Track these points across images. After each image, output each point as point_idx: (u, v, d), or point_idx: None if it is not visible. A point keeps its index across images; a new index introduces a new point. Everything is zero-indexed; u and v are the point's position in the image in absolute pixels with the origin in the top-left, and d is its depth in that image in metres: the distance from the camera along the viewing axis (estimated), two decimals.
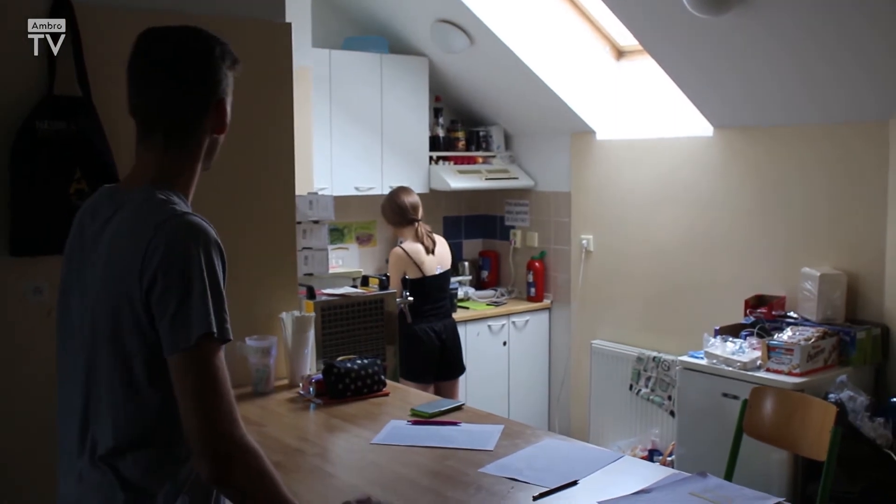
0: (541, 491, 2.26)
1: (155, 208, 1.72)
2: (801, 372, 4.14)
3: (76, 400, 1.78)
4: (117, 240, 1.73)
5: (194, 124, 1.81)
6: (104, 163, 2.95)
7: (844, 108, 4.41)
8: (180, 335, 1.64)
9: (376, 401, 3.17)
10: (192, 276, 1.65)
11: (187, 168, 1.82)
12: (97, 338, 1.73)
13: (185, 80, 1.80)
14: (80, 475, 1.77)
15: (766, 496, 2.22)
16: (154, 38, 1.83)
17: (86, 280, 1.77)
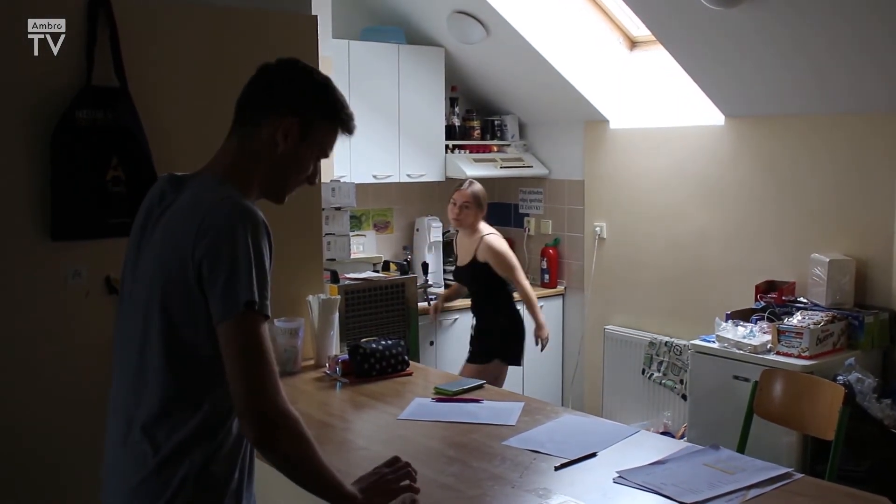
0: (562, 462, 2.38)
1: (211, 192, 1.87)
2: (811, 355, 4.23)
3: (129, 366, 1.90)
4: (174, 218, 1.87)
5: (261, 126, 1.94)
6: (140, 151, 3.05)
7: (854, 98, 4.47)
8: (228, 305, 1.75)
9: (400, 380, 3.30)
10: (239, 253, 1.76)
11: (252, 171, 1.94)
12: (150, 307, 1.85)
13: (269, 87, 1.96)
14: (124, 439, 1.89)
15: (775, 466, 2.33)
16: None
17: (144, 256, 1.90)
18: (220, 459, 1.86)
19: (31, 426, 2.91)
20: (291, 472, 1.88)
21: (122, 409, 1.92)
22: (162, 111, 3.14)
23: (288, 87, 1.97)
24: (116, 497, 1.89)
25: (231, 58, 3.30)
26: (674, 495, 2.14)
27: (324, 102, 1.98)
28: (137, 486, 1.84)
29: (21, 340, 2.90)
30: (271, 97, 1.96)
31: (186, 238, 1.80)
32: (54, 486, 2.93)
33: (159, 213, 1.93)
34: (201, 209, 1.82)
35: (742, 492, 2.17)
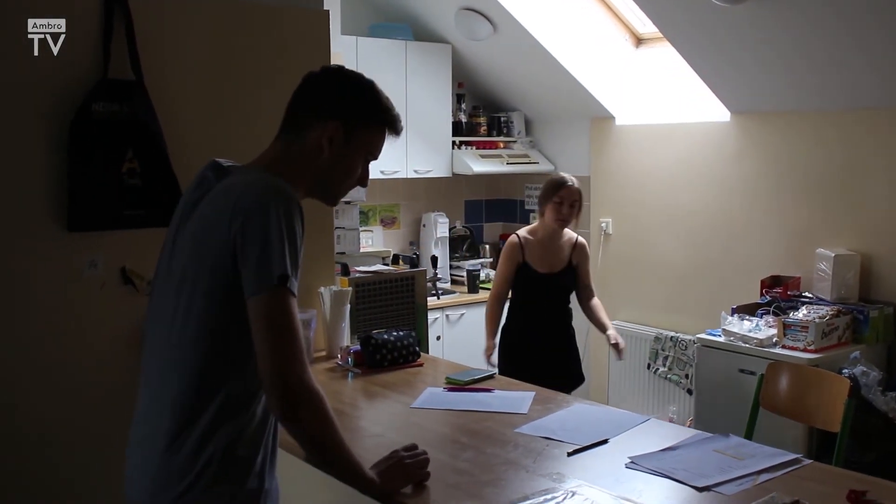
0: (574, 448, 2.42)
1: (250, 174, 1.95)
2: (816, 348, 4.27)
3: (158, 346, 1.95)
4: (211, 202, 1.93)
5: (305, 130, 2.01)
6: (156, 143, 3.07)
7: (859, 94, 4.51)
8: (261, 280, 1.80)
9: (412, 370, 3.34)
10: (272, 229, 1.80)
11: (298, 173, 2.00)
12: (182, 287, 1.90)
13: (314, 93, 2.04)
14: (150, 418, 1.94)
15: (784, 452, 2.37)
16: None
17: (180, 240, 1.96)
18: (245, 440, 1.90)
19: (45, 415, 2.94)
20: (313, 449, 1.94)
21: (151, 389, 1.97)
22: (177, 104, 3.17)
23: (331, 92, 2.03)
24: (142, 474, 1.93)
25: (245, 52, 3.35)
26: (685, 479, 2.18)
27: (367, 106, 2.04)
28: (163, 464, 1.88)
29: (38, 330, 2.92)
30: (315, 103, 2.02)
31: (222, 218, 1.85)
32: (70, 468, 2.96)
33: (197, 197, 1.98)
34: (236, 190, 1.89)
35: (752, 476, 2.20)
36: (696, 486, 2.14)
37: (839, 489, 2.06)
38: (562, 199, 4.34)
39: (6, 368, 2.86)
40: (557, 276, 4.38)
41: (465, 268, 6.19)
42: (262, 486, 1.93)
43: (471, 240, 6.61)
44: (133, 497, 1.96)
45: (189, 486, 1.85)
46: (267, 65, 3.42)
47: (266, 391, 1.84)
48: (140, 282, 3.15)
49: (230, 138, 3.33)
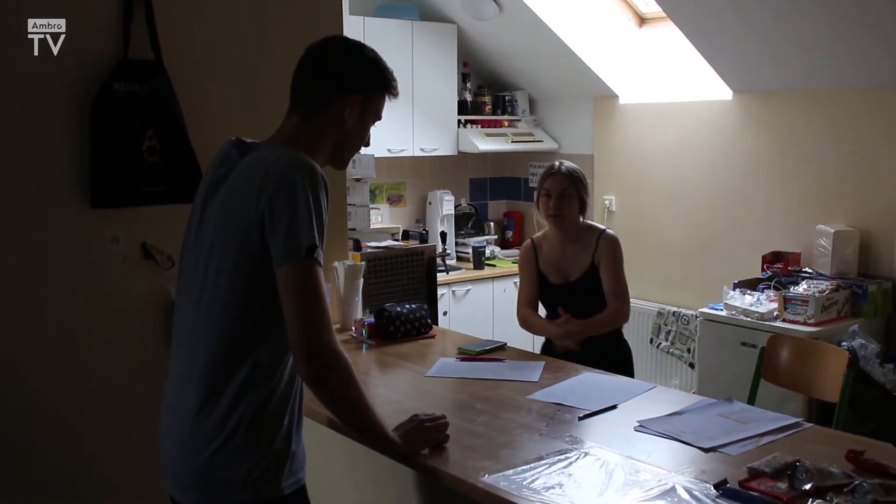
0: (585, 413, 2.52)
1: (275, 149, 2.03)
2: (816, 322, 4.36)
3: (189, 314, 2.04)
4: (238, 177, 2.01)
5: (327, 106, 2.09)
6: (175, 122, 3.13)
7: (859, 72, 4.57)
8: (289, 250, 1.87)
9: (424, 342, 3.43)
10: (300, 201, 1.88)
11: (318, 144, 2.09)
12: (211, 260, 1.99)
13: (329, 68, 2.12)
14: (182, 381, 2.02)
15: (786, 417, 2.47)
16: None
17: (208, 214, 2.05)
18: (273, 405, 1.98)
19: (69, 386, 3.01)
20: (339, 412, 2.05)
21: (181, 357, 2.05)
22: (195, 83, 3.24)
23: (347, 67, 2.13)
24: (173, 436, 2.03)
25: (260, 31, 3.41)
26: (692, 441, 2.28)
27: (378, 75, 2.15)
28: (193, 428, 1.96)
29: (61, 304, 2.99)
30: (334, 78, 2.11)
31: (249, 192, 1.93)
32: (89, 442, 3.04)
33: (223, 173, 2.06)
34: (263, 164, 1.96)
35: (755, 438, 2.31)
36: (702, 448, 2.24)
37: (838, 449, 2.16)
38: (549, 191, 3.60)
39: (30, 342, 2.95)
40: (573, 287, 3.59)
41: (470, 245, 6.27)
42: (290, 448, 2.00)
43: (476, 217, 6.69)
44: (166, 453, 2.05)
45: (218, 448, 1.92)
46: (281, 44, 3.47)
47: (295, 357, 1.92)
48: (160, 256, 3.22)
49: (247, 116, 3.38)
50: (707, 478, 2.04)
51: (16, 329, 2.93)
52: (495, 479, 2.05)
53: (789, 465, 2.04)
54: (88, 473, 3.05)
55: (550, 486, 2.01)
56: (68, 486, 3.02)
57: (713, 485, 1.98)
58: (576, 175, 3.62)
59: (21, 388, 2.93)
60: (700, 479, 2.04)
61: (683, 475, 2.07)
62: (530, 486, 2.01)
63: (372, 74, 2.15)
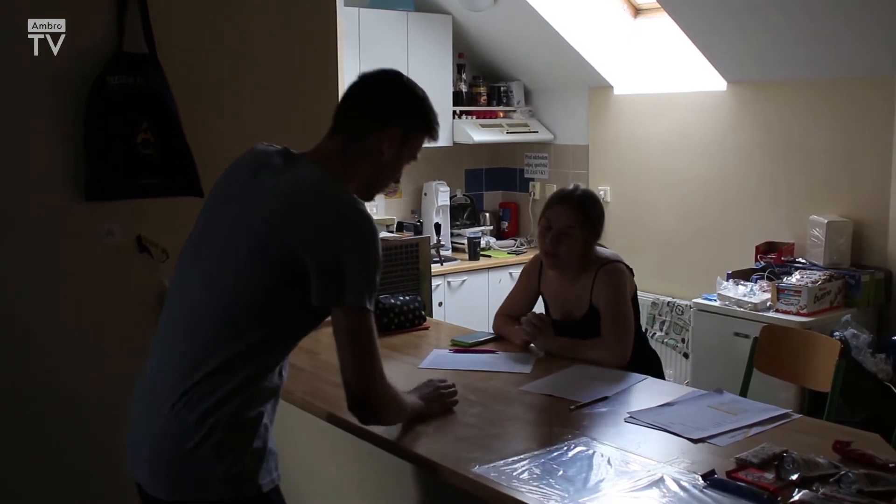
0: (576, 404, 2.54)
1: (327, 184, 2.03)
2: (809, 312, 4.38)
3: (186, 314, 2.04)
4: (286, 196, 2.01)
5: (368, 135, 2.11)
6: (169, 115, 3.13)
7: (853, 62, 4.58)
8: (351, 297, 1.94)
9: (418, 333, 3.45)
10: (368, 252, 1.96)
11: (354, 171, 2.11)
12: (225, 259, 2.01)
13: (373, 97, 2.16)
14: (162, 382, 1.99)
15: (775, 408, 2.49)
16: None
17: (232, 210, 2.07)
18: (255, 405, 1.98)
19: (61, 378, 3.03)
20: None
21: (170, 346, 2.04)
22: (189, 76, 3.24)
23: (394, 101, 2.15)
24: (148, 426, 1.99)
25: (253, 23, 3.42)
26: (681, 432, 2.30)
27: (422, 116, 2.18)
28: (168, 424, 1.94)
29: (55, 296, 3.01)
30: (380, 110, 2.13)
31: (300, 221, 1.96)
32: (76, 436, 3.06)
33: (263, 178, 2.07)
34: (319, 199, 1.99)
35: (744, 429, 2.33)
36: (692, 438, 2.27)
37: (826, 440, 2.19)
38: (549, 223, 3.13)
39: (24, 332, 2.97)
40: (577, 327, 3.17)
41: (465, 235, 6.28)
42: (266, 447, 2.01)
43: (471, 208, 6.70)
44: (138, 444, 2.02)
45: (198, 443, 1.91)
46: (275, 35, 3.50)
47: (349, 399, 2.05)
48: (155, 249, 3.22)
49: (241, 108, 3.41)
50: (695, 468, 2.07)
51: (9, 321, 2.95)
52: (485, 470, 2.07)
53: (777, 455, 2.07)
54: (84, 467, 3.07)
55: (540, 477, 2.03)
56: (64, 477, 3.05)
57: (701, 475, 2.01)
58: (588, 207, 3.12)
59: (15, 382, 2.95)
60: (689, 469, 2.07)
61: (672, 466, 2.10)
62: (520, 476, 2.03)
63: (417, 113, 2.17)
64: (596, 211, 3.16)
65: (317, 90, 3.64)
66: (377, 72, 2.21)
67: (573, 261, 3.13)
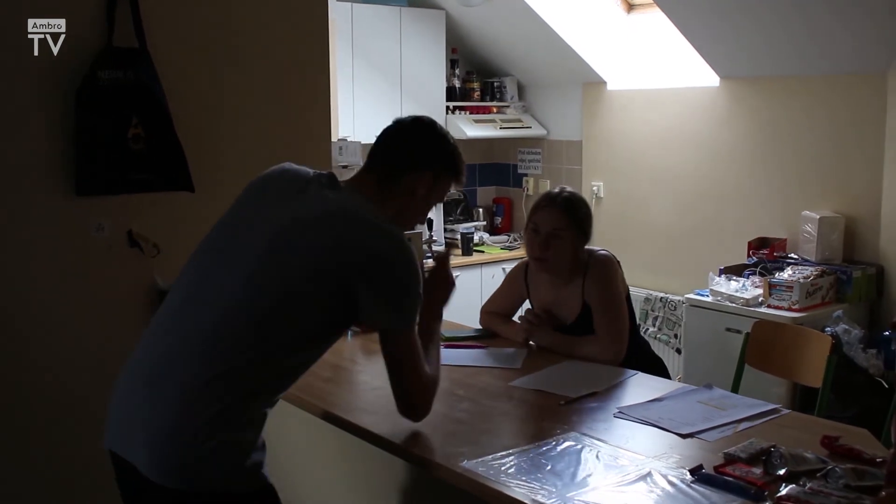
0: (566, 399, 2.54)
1: (370, 212, 2.14)
2: (800, 307, 4.39)
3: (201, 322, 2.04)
4: (327, 221, 2.10)
5: (403, 175, 2.24)
6: (160, 110, 3.12)
7: (845, 58, 4.57)
8: (397, 319, 2.12)
9: None
10: (412, 278, 2.11)
11: (387, 206, 2.20)
12: (268, 273, 2.06)
13: (410, 143, 2.30)
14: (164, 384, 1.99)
15: (765, 403, 2.50)
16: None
17: (260, 224, 2.14)
18: (266, 406, 2.07)
19: (52, 372, 3.03)
20: None
21: (187, 345, 2.03)
22: (179, 71, 3.23)
23: (428, 147, 2.29)
24: (147, 417, 1.99)
25: (244, 18, 3.40)
26: (670, 427, 2.31)
27: (453, 162, 2.32)
28: (186, 409, 1.95)
29: (46, 291, 3.01)
30: (414, 155, 2.27)
31: (352, 245, 2.07)
32: (69, 433, 3.04)
33: (315, 191, 2.17)
34: (363, 226, 2.09)
35: (733, 424, 2.33)
36: (680, 434, 2.27)
37: (814, 435, 2.19)
38: (536, 227, 3.09)
39: (15, 328, 2.96)
40: (569, 332, 3.14)
41: (459, 231, 6.27)
42: (263, 441, 2.06)
43: (465, 203, 6.69)
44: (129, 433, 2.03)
45: (209, 438, 1.93)
46: (266, 31, 3.49)
47: (399, 408, 2.24)
48: (146, 244, 3.21)
49: (232, 103, 3.40)
50: (683, 463, 2.07)
51: (0, 317, 2.94)
52: (474, 465, 2.07)
53: (764, 450, 2.07)
54: (75, 462, 3.06)
55: (528, 472, 2.03)
56: (56, 472, 3.04)
57: (689, 470, 2.01)
58: (575, 208, 3.07)
59: (7, 378, 2.95)
60: (677, 464, 2.07)
61: (660, 461, 2.10)
62: (508, 471, 2.03)
63: (448, 160, 2.31)
64: (583, 212, 3.12)
65: (309, 85, 3.63)
66: (413, 119, 2.34)
67: (564, 264, 3.10)
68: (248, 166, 3.44)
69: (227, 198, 3.36)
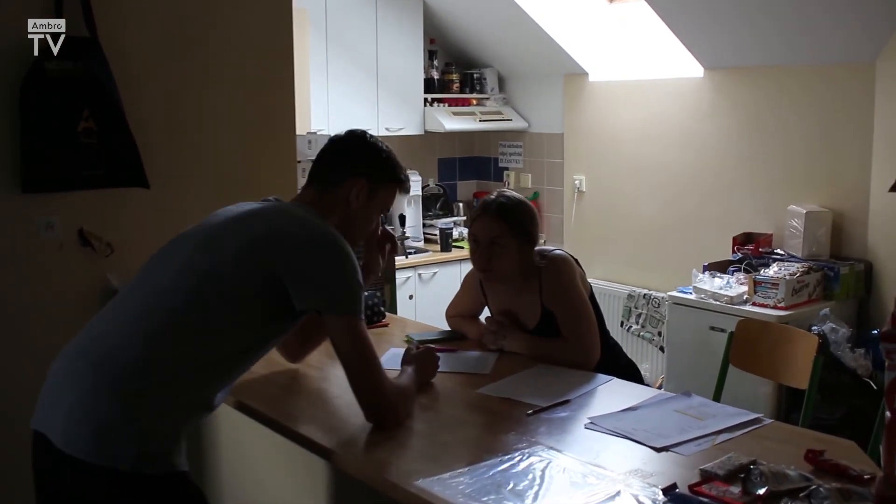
0: (534, 409, 2.39)
1: (299, 210, 2.26)
2: (786, 305, 4.28)
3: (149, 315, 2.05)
4: (255, 212, 2.22)
5: (337, 185, 2.34)
6: (112, 102, 3.01)
7: (832, 48, 4.48)
8: (342, 305, 2.13)
9: (376, 331, 3.28)
10: (348, 264, 2.14)
11: (325, 216, 2.27)
12: (184, 267, 2.11)
13: (341, 153, 2.39)
14: (96, 349, 2.02)
15: (746, 412, 2.34)
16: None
17: (202, 229, 2.21)
18: (193, 403, 2.07)
19: (3, 377, 2.94)
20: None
21: (124, 327, 2.04)
22: (133, 62, 3.12)
23: (360, 155, 2.38)
24: (71, 391, 1.99)
25: (202, 6, 3.28)
26: (643, 440, 2.15)
27: (386, 167, 2.40)
28: (113, 391, 1.95)
29: None
30: (347, 163, 2.36)
31: (271, 235, 2.12)
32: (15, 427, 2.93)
33: (257, 207, 2.26)
34: (292, 218, 2.19)
35: (711, 436, 2.18)
36: (654, 447, 2.12)
37: (798, 448, 2.04)
38: (475, 238, 2.93)
39: None
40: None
41: (437, 226, 6.14)
42: (182, 433, 2.06)
43: (444, 198, 6.57)
44: (53, 408, 2.02)
45: (130, 420, 1.94)
46: (226, 19, 3.36)
47: (364, 413, 2.22)
48: (98, 243, 3.13)
49: (188, 96, 3.29)
50: (656, 481, 1.91)
51: None
52: (429, 484, 1.91)
53: (744, 466, 1.92)
54: (23, 462, 2.92)
55: (488, 491, 1.87)
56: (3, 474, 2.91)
57: (662, 489, 1.86)
58: (511, 212, 2.88)
59: None
60: (649, 482, 1.92)
61: (632, 478, 1.94)
62: (466, 491, 1.88)
63: (381, 165, 2.39)
64: (522, 214, 2.91)
65: (270, 77, 3.53)
66: (346, 132, 2.45)
67: (511, 271, 2.93)
68: (206, 161, 3.37)
69: (184, 194, 3.30)
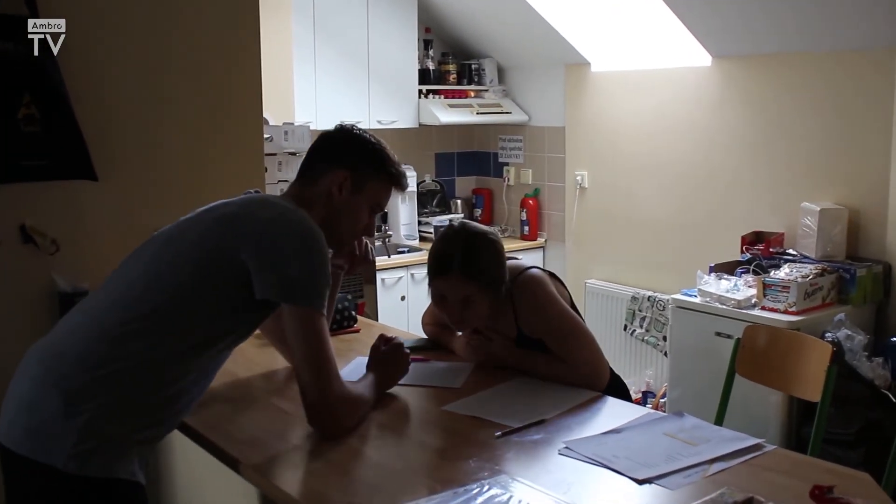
0: (503, 430, 2.11)
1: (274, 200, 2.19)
2: (798, 310, 4.05)
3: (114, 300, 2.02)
4: (228, 202, 2.16)
5: (319, 178, 2.26)
6: (55, 87, 2.83)
7: (848, 34, 4.28)
8: (300, 294, 2.00)
9: (345, 337, 3.05)
10: (314, 253, 2.02)
11: (312, 209, 2.18)
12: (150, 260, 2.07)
13: (326, 145, 2.32)
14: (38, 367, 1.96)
15: (744, 437, 2.06)
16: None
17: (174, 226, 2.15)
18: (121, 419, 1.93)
19: None
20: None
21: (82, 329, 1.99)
22: (80, 43, 2.91)
23: (344, 146, 2.29)
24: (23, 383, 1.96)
25: None
26: (624, 470, 1.87)
27: (374, 160, 2.28)
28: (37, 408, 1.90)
29: None
30: (329, 154, 2.28)
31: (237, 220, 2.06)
32: None
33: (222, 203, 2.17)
34: (262, 204, 2.13)
35: (703, 466, 1.90)
36: (636, 479, 1.83)
37: (803, 482, 1.76)
38: (440, 295, 2.63)
39: None
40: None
41: (432, 224, 5.90)
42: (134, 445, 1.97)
43: (441, 194, 6.34)
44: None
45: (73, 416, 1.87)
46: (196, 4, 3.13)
47: (307, 414, 2.06)
48: (42, 240, 2.95)
49: (140, 81, 3.09)
50: None
51: None
52: None
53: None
54: None
55: None
56: None
57: None
58: (477, 270, 2.55)
59: None
60: None
61: None
62: None
63: (367, 156, 2.28)
64: (489, 264, 2.58)
65: (234, 61, 3.30)
66: (335, 126, 2.36)
67: (485, 318, 2.65)
68: (159, 152, 3.16)
69: (134, 187, 3.06)
